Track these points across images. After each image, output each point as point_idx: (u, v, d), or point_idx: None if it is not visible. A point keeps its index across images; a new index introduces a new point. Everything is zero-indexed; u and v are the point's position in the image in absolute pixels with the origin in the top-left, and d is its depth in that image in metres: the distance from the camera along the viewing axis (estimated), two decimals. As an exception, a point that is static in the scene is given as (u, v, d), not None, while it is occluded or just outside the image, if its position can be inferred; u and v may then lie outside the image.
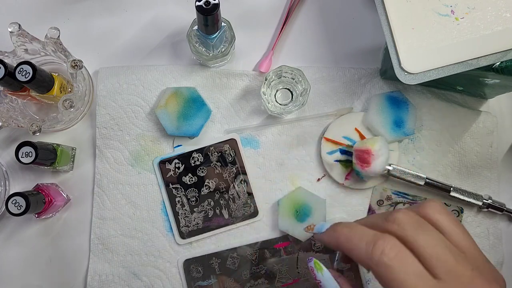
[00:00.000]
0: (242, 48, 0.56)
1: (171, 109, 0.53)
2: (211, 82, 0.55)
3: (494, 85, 0.48)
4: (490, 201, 0.52)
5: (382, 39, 0.49)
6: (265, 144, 0.55)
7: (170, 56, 0.56)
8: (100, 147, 0.54)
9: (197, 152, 0.54)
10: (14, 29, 0.47)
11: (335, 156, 0.54)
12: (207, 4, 0.43)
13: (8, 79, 0.45)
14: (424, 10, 0.43)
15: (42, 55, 0.52)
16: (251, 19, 0.57)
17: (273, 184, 0.54)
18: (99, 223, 0.53)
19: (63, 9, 0.56)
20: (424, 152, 0.54)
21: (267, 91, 0.53)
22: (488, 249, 0.54)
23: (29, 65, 0.45)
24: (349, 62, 0.56)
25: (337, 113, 0.54)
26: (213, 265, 0.53)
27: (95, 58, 0.56)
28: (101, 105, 0.54)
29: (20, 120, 0.51)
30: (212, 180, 0.54)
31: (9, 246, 0.54)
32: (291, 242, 0.53)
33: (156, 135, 0.54)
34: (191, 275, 0.53)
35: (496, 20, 0.42)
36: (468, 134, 0.55)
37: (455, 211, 0.54)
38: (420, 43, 0.43)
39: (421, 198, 0.54)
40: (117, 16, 0.57)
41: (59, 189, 0.53)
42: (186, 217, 0.54)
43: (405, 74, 0.43)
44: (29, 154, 0.47)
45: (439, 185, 0.52)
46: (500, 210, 0.52)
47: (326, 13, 0.57)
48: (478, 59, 0.42)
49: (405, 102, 0.54)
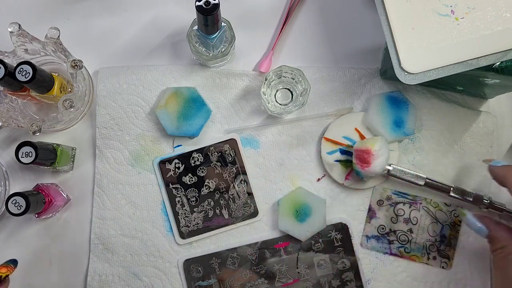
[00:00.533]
0: (242, 48, 0.56)
1: (171, 109, 0.53)
2: (211, 82, 0.55)
3: (494, 85, 0.48)
4: (490, 201, 0.52)
5: (382, 39, 0.49)
6: (265, 144, 0.55)
7: (170, 56, 0.56)
8: (100, 147, 0.54)
9: (197, 152, 0.54)
10: (14, 29, 0.47)
11: (335, 156, 0.54)
12: (207, 4, 0.43)
13: (8, 79, 0.45)
14: (424, 10, 0.43)
15: (42, 55, 0.52)
16: (251, 19, 0.57)
17: (273, 184, 0.54)
18: (99, 223, 0.53)
19: (63, 9, 0.56)
20: (424, 152, 0.54)
21: (267, 91, 0.53)
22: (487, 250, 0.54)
23: (29, 65, 0.45)
24: (349, 62, 0.56)
25: (337, 113, 0.54)
26: (213, 265, 0.53)
27: (95, 58, 0.56)
28: (101, 105, 0.54)
29: (20, 120, 0.51)
30: (212, 180, 0.54)
31: (9, 246, 0.54)
32: (291, 242, 0.53)
33: (156, 135, 0.54)
34: (191, 275, 0.53)
35: (496, 20, 0.42)
36: (468, 134, 0.55)
37: (455, 211, 0.54)
38: (420, 43, 0.43)
39: (421, 198, 0.54)
40: (117, 16, 0.57)
41: (59, 189, 0.53)
42: (186, 217, 0.54)
43: (405, 74, 0.43)
44: (29, 154, 0.47)
45: (439, 185, 0.52)
46: (500, 211, 0.52)
47: (326, 13, 0.57)
48: (478, 59, 0.42)
49: (405, 102, 0.54)
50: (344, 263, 0.53)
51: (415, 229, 0.54)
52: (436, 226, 0.54)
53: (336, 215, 0.54)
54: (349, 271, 0.53)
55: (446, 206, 0.54)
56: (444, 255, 0.53)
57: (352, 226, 0.53)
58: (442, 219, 0.54)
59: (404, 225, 0.54)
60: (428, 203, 0.54)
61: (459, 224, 0.54)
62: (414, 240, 0.54)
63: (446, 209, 0.54)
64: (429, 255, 0.53)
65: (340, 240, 0.53)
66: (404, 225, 0.54)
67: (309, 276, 0.53)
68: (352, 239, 0.53)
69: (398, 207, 0.54)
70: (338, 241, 0.53)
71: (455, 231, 0.54)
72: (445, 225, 0.54)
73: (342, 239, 0.53)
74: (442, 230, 0.54)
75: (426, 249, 0.53)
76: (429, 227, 0.54)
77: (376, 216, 0.54)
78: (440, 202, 0.54)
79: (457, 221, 0.54)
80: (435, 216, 0.54)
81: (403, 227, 0.54)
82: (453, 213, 0.54)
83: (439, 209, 0.54)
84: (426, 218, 0.54)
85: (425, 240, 0.54)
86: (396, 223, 0.54)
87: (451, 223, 0.54)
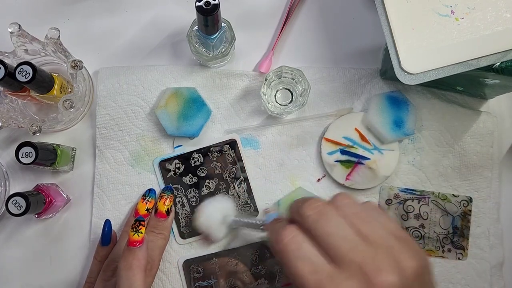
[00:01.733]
0: (242, 48, 0.56)
1: (171, 109, 0.53)
2: (211, 82, 0.55)
3: (494, 85, 0.48)
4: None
5: (382, 39, 0.49)
6: (265, 145, 0.55)
7: (170, 56, 0.56)
8: (100, 148, 0.54)
9: (197, 152, 0.54)
10: (14, 29, 0.47)
11: (336, 156, 0.54)
12: (207, 5, 0.43)
13: (8, 80, 0.45)
14: (424, 10, 0.43)
15: (42, 55, 0.52)
16: (251, 19, 0.57)
17: (273, 184, 0.54)
18: (99, 223, 0.53)
19: (63, 10, 0.56)
20: (424, 152, 0.54)
21: (267, 91, 0.53)
22: (488, 250, 0.54)
23: (29, 65, 0.45)
24: (349, 62, 0.56)
25: (337, 114, 0.54)
26: (213, 265, 0.53)
27: (95, 58, 0.56)
28: (101, 106, 0.54)
29: (20, 120, 0.51)
30: (212, 180, 0.54)
31: (9, 246, 0.54)
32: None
33: (156, 135, 0.54)
34: (191, 276, 0.53)
35: (496, 21, 0.42)
36: (468, 134, 0.55)
37: (464, 201, 0.54)
38: (420, 43, 0.43)
39: (428, 193, 0.54)
40: (117, 16, 0.57)
41: (59, 189, 0.53)
42: (186, 217, 0.54)
43: (405, 75, 0.43)
44: (29, 154, 0.47)
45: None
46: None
47: (326, 13, 0.57)
48: (478, 60, 0.42)
49: (405, 102, 0.54)
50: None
51: (427, 224, 0.54)
52: (447, 218, 0.54)
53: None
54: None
55: (454, 197, 0.54)
56: (458, 246, 0.54)
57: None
58: (452, 211, 0.54)
59: (415, 221, 0.54)
60: (436, 196, 0.54)
61: (470, 213, 0.54)
62: (427, 235, 0.54)
63: (454, 200, 0.54)
64: (443, 248, 0.54)
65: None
66: (415, 221, 0.54)
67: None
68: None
69: (407, 204, 0.54)
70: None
71: (467, 221, 0.54)
72: (455, 216, 0.54)
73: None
74: (453, 222, 0.54)
75: (440, 242, 0.54)
76: (440, 220, 0.54)
77: None
78: (448, 194, 0.54)
79: (467, 211, 0.54)
80: (445, 209, 0.54)
81: (414, 223, 0.54)
82: (462, 204, 0.54)
83: (448, 201, 0.54)
84: (436, 212, 0.54)
85: (438, 234, 0.54)
86: (407, 220, 0.54)
87: (461, 213, 0.54)
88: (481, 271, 0.53)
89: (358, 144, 0.54)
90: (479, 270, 0.53)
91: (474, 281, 0.53)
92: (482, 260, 0.54)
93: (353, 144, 0.54)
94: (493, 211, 0.54)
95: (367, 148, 0.54)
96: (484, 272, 0.53)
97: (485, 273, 0.53)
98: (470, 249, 0.54)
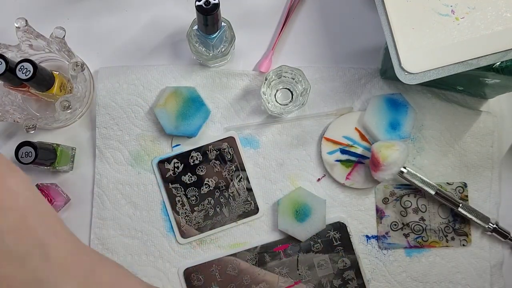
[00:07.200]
0: (242, 48, 0.56)
1: (170, 108, 0.53)
2: (211, 82, 0.55)
3: (494, 85, 0.48)
4: (495, 226, 0.52)
5: (382, 39, 0.49)
6: (265, 144, 0.55)
7: (170, 56, 0.56)
8: (100, 147, 0.54)
9: (196, 151, 0.54)
10: (21, 24, 0.47)
11: (336, 156, 0.54)
12: (207, 4, 0.43)
13: (9, 75, 0.45)
14: (424, 10, 0.43)
15: (47, 51, 0.52)
16: (251, 19, 0.57)
17: (273, 184, 0.54)
18: (99, 223, 0.53)
19: (63, 9, 0.56)
20: (425, 152, 0.54)
21: (267, 91, 0.53)
22: (488, 250, 0.54)
23: (30, 63, 0.45)
24: (349, 62, 0.56)
25: (337, 113, 0.54)
26: (213, 272, 0.53)
27: (95, 58, 0.56)
28: (101, 105, 0.54)
29: (17, 115, 0.50)
30: (212, 178, 0.54)
31: (8, 246, 0.54)
32: (290, 244, 0.53)
33: (156, 135, 0.54)
34: (192, 284, 0.53)
35: (496, 20, 0.42)
36: (468, 134, 0.54)
37: (459, 187, 0.54)
38: (420, 43, 0.43)
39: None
40: (117, 16, 0.57)
41: (59, 189, 0.53)
42: (186, 216, 0.53)
43: (405, 74, 0.43)
44: (29, 154, 0.47)
45: (449, 199, 0.52)
46: (504, 237, 0.52)
47: (326, 13, 0.57)
48: (478, 59, 0.42)
49: (405, 105, 0.54)
50: (345, 262, 0.53)
51: (426, 216, 0.54)
52: (445, 207, 0.54)
53: (335, 215, 0.54)
54: (350, 270, 0.53)
55: (449, 185, 0.54)
56: (461, 233, 0.54)
57: (352, 226, 0.53)
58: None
59: (415, 215, 0.54)
60: None
61: (466, 199, 0.54)
62: (428, 227, 0.54)
63: (449, 188, 0.54)
64: (446, 237, 0.54)
65: (339, 239, 0.53)
66: (415, 215, 0.54)
67: (310, 277, 0.53)
68: (351, 237, 0.53)
69: (404, 200, 0.54)
70: (337, 240, 0.53)
71: None
72: None
73: (341, 238, 0.53)
74: (452, 210, 0.53)
75: (442, 232, 0.54)
76: (438, 210, 0.54)
77: (386, 215, 0.54)
78: (442, 183, 0.54)
79: (463, 197, 0.54)
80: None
81: (414, 217, 0.54)
82: (458, 190, 0.54)
83: (443, 189, 0.54)
84: (434, 202, 0.54)
85: (439, 224, 0.54)
86: (406, 216, 0.54)
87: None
88: (481, 271, 0.53)
89: (358, 143, 0.54)
90: (479, 270, 0.53)
91: (474, 281, 0.53)
92: (482, 260, 0.54)
93: (353, 144, 0.54)
94: (493, 211, 0.54)
95: (367, 147, 0.54)
96: (484, 272, 0.53)
97: (485, 273, 0.53)
98: (474, 234, 0.54)
